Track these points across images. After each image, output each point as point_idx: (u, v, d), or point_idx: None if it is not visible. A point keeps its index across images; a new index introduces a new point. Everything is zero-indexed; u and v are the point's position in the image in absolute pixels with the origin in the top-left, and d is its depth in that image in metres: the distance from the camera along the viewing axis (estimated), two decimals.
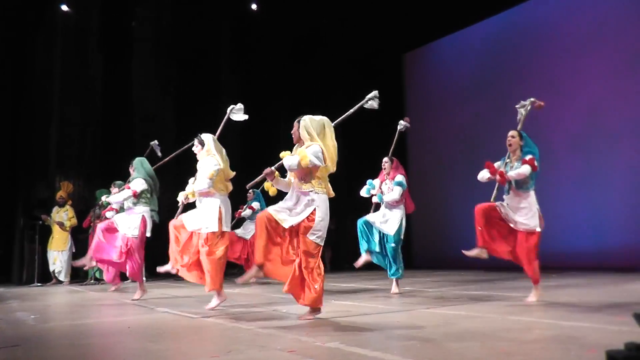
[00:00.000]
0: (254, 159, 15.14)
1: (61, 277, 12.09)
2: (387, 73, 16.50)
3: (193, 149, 6.62)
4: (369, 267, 8.26)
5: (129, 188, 7.84)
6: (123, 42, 14.44)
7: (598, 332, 3.85)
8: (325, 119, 5.27)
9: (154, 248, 9.30)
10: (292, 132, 5.29)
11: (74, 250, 12.31)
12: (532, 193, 6.11)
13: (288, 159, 5.02)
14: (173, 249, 6.41)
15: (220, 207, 6.28)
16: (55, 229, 12.14)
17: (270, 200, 11.00)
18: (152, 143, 9.33)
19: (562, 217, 11.83)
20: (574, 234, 11.79)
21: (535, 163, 6.04)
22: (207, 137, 6.59)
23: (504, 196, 6.23)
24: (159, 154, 9.18)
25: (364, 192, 8.07)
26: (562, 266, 11.09)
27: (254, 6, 14.97)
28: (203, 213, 6.31)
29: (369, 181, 8.05)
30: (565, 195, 12.00)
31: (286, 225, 5.01)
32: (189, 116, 14.39)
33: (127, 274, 8.15)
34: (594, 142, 11.83)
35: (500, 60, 14.09)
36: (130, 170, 8.20)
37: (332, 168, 5.20)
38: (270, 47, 15.48)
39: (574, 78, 12.30)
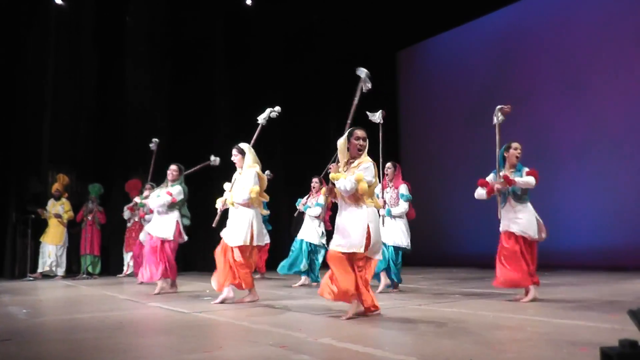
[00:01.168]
0: None
1: (57, 272, 12.03)
2: (380, 71, 16.42)
3: (232, 158, 6.66)
4: None
5: (170, 194, 7.96)
6: (117, 37, 14.37)
7: (590, 330, 3.86)
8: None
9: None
10: (348, 146, 5.05)
11: (67, 245, 12.29)
12: (529, 204, 6.08)
13: (344, 183, 4.84)
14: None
15: (252, 222, 6.35)
16: (51, 222, 12.07)
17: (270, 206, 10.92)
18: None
19: (558, 216, 11.85)
20: (567, 232, 11.79)
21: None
22: (246, 147, 6.61)
23: (501, 208, 6.14)
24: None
25: None
26: (555, 264, 11.11)
27: (248, 1, 14.94)
28: (234, 225, 6.40)
29: None
30: (562, 194, 12.00)
31: (362, 250, 4.83)
32: (182, 112, 14.37)
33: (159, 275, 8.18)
34: (596, 143, 11.80)
35: (495, 59, 14.08)
36: (169, 174, 8.30)
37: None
38: (263, 43, 15.44)
39: (571, 78, 12.28)
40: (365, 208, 4.90)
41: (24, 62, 13.16)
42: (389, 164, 7.79)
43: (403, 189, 7.63)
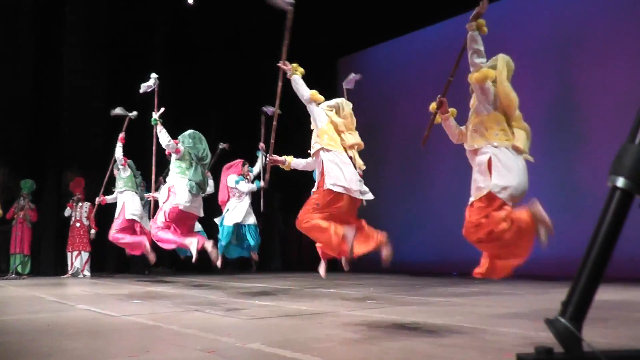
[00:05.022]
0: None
1: None
2: (320, 78, 16.36)
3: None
4: (299, 268, 8.24)
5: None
6: (55, 26, 14.01)
7: (516, 337, 3.95)
8: None
9: None
10: None
11: None
12: None
13: None
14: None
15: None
16: None
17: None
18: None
19: None
20: None
21: None
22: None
23: None
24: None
25: None
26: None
27: (190, 0, 14.81)
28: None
29: None
30: None
31: None
32: (121, 104, 14.18)
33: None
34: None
35: (435, 70, 14.21)
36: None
37: None
38: (204, 44, 15.32)
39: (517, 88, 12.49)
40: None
41: None
42: None
43: None
